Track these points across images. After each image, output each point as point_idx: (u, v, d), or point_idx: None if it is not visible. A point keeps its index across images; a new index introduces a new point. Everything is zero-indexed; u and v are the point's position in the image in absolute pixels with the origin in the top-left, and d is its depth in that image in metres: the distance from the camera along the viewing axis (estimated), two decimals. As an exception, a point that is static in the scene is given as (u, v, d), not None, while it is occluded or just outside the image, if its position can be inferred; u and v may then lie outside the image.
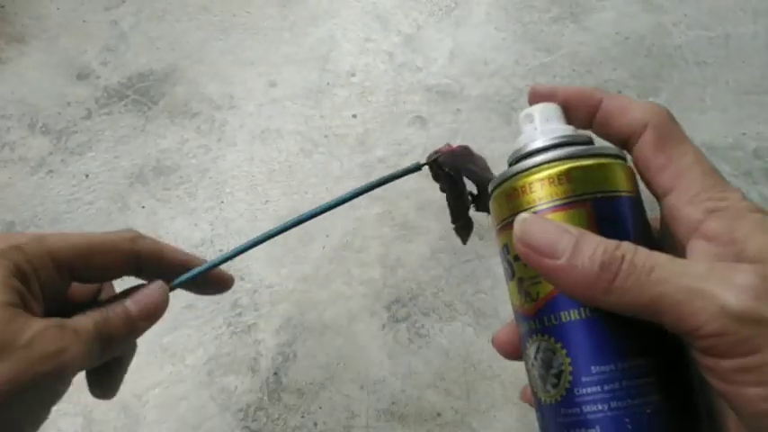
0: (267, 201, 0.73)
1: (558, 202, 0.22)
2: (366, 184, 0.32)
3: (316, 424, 0.55)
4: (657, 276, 0.18)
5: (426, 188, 0.74)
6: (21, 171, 0.75)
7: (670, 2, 1.01)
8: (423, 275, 0.65)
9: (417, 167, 0.33)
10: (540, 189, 0.23)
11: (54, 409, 0.56)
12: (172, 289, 0.31)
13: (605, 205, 0.22)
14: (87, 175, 0.75)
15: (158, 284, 0.29)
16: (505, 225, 0.25)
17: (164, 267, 0.30)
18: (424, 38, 0.93)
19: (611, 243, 0.20)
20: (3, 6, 0.95)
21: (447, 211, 0.76)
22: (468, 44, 0.92)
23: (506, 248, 0.25)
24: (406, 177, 0.79)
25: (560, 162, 0.23)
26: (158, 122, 0.80)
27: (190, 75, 0.86)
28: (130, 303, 0.28)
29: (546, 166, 0.23)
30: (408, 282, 0.65)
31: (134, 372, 0.59)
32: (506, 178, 0.25)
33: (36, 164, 0.76)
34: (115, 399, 0.57)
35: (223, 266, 0.33)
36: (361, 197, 0.34)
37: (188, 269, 0.30)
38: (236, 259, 0.71)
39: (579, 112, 0.25)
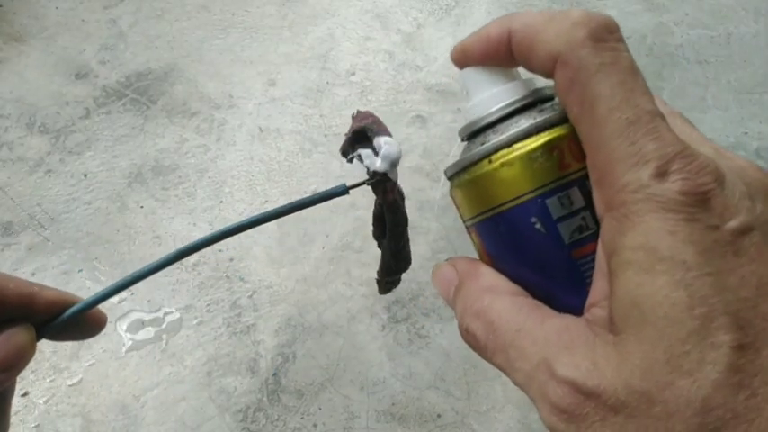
0: (266, 201, 0.72)
1: (464, 225, 0.21)
2: (288, 204, 0.25)
3: (315, 425, 0.55)
4: (497, 361, 0.16)
5: (426, 188, 0.74)
6: (19, 171, 0.74)
7: (671, 1, 1.01)
8: (423, 276, 0.65)
9: (345, 191, 0.27)
10: (455, 205, 0.21)
11: (53, 409, 0.56)
12: (45, 335, 0.25)
13: (488, 229, 0.19)
14: (86, 175, 0.74)
15: (21, 330, 0.24)
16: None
17: (34, 312, 0.25)
18: (424, 37, 0.92)
19: (469, 298, 0.18)
20: (1, 6, 0.95)
21: (447, 212, 0.76)
22: (468, 43, 0.92)
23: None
24: (406, 177, 0.79)
25: (452, 179, 0.20)
26: (157, 122, 0.80)
27: (189, 74, 0.85)
28: None
29: (450, 181, 0.21)
30: (408, 282, 0.65)
31: (133, 373, 0.58)
32: (449, 177, 0.22)
33: (34, 163, 0.75)
34: (114, 399, 0.57)
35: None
36: (361, 195, 0.30)
37: (62, 310, 0.25)
38: (236, 260, 0.71)
39: (502, 59, 0.19)
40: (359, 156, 0.28)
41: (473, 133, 0.20)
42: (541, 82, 0.19)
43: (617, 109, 0.15)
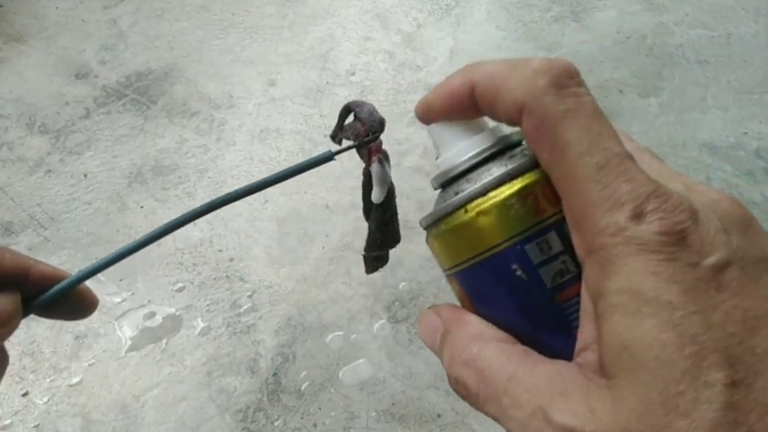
0: (266, 201, 0.72)
1: (444, 273, 0.20)
2: (276, 173, 0.25)
3: (315, 425, 0.55)
4: (488, 410, 0.16)
5: (426, 188, 0.74)
6: (19, 171, 0.74)
7: (671, 1, 1.01)
8: (423, 276, 0.65)
9: (330, 157, 0.26)
10: (433, 254, 0.21)
11: (53, 409, 0.56)
12: (35, 308, 0.26)
13: (469, 277, 0.19)
14: (86, 175, 0.74)
15: (10, 296, 0.24)
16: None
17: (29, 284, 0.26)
18: (424, 37, 0.92)
19: (456, 348, 0.17)
20: (1, 6, 0.95)
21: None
22: (468, 43, 0.92)
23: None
24: (406, 177, 0.79)
25: (429, 229, 0.20)
26: (157, 122, 0.80)
27: (189, 74, 0.85)
28: None
29: (427, 231, 0.21)
30: (408, 282, 0.65)
31: (132, 373, 0.58)
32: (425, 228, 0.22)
33: (34, 163, 0.75)
34: (114, 399, 0.57)
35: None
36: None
37: (53, 283, 0.26)
38: (236, 260, 0.71)
39: (466, 112, 0.19)
40: (346, 128, 0.28)
41: (446, 182, 0.20)
42: (507, 128, 0.19)
43: (586, 154, 0.15)
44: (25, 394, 0.57)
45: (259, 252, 0.67)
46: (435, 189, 0.22)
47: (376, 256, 0.31)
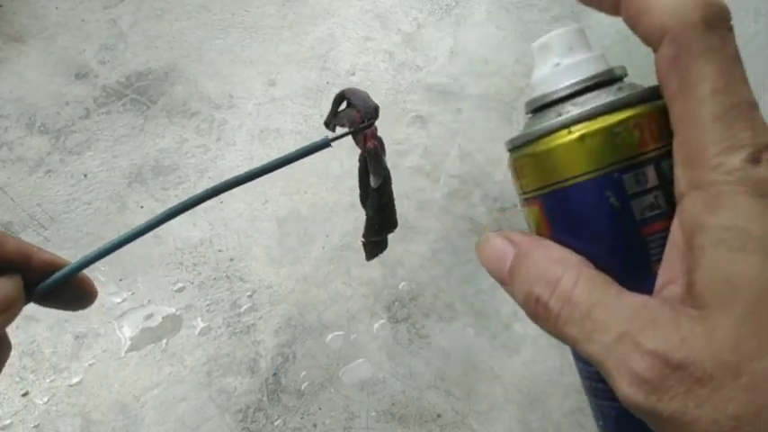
0: (266, 201, 0.72)
1: (522, 197, 0.20)
2: (273, 161, 0.26)
3: (315, 425, 0.55)
4: (568, 333, 0.17)
5: (426, 188, 0.74)
6: (19, 171, 0.74)
7: (671, 1, 1.01)
8: (423, 276, 0.65)
9: (327, 143, 0.26)
10: (515, 177, 0.21)
11: (53, 409, 0.56)
12: (37, 295, 0.26)
13: (557, 201, 0.19)
14: (86, 175, 0.74)
15: (12, 280, 0.25)
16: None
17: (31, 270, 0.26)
18: (424, 37, 0.92)
19: (538, 271, 0.18)
20: (1, 6, 0.95)
21: (448, 212, 0.76)
22: (468, 43, 0.92)
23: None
24: (406, 177, 0.79)
25: (520, 149, 0.20)
26: (157, 122, 0.80)
27: (189, 74, 0.85)
28: None
29: (516, 151, 0.20)
30: (408, 282, 0.65)
31: (132, 373, 0.58)
32: (508, 149, 0.21)
33: (34, 163, 0.75)
34: (114, 400, 0.57)
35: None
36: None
37: (54, 270, 0.26)
38: (236, 259, 0.71)
39: (602, 2, 0.19)
40: (340, 115, 0.29)
41: (547, 104, 0.20)
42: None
43: (720, 92, 0.16)
44: (25, 394, 0.57)
45: (259, 252, 0.67)
46: (528, 112, 0.21)
47: (375, 241, 0.31)
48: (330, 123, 0.30)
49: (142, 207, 0.71)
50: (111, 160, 0.76)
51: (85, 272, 0.27)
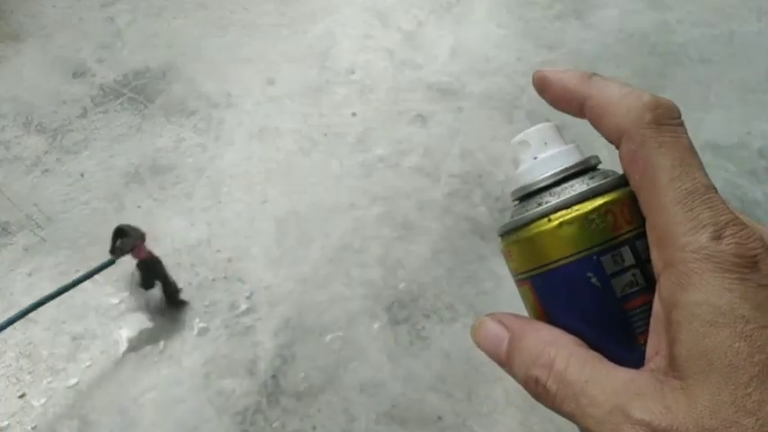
0: (265, 200, 0.72)
1: (515, 278, 0.22)
2: (59, 288, 0.37)
3: (314, 427, 0.54)
4: (566, 409, 0.18)
5: (426, 188, 0.73)
6: (16, 170, 0.74)
7: (674, -2, 1.00)
8: (423, 276, 0.65)
9: (111, 262, 0.43)
10: (507, 260, 0.23)
11: (50, 411, 0.56)
12: None
13: (544, 282, 0.21)
14: (83, 175, 0.74)
15: None
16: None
17: None
18: (424, 35, 0.92)
19: (534, 352, 0.19)
20: (-2, 3, 0.94)
21: (448, 212, 0.75)
22: (469, 41, 0.91)
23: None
24: (408, 177, 0.78)
25: (508, 235, 0.22)
26: (155, 121, 0.79)
27: (187, 72, 0.85)
28: None
29: (505, 238, 0.23)
30: (409, 283, 0.64)
31: (130, 374, 0.58)
32: (499, 235, 0.24)
33: (31, 163, 0.75)
34: (111, 401, 0.57)
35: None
36: (361, 195, 0.32)
37: None
38: (234, 260, 0.70)
39: (570, 109, 0.22)
40: (121, 243, 0.52)
41: (528, 195, 0.22)
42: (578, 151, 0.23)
43: (677, 179, 0.18)
44: (22, 396, 0.56)
45: (258, 253, 0.67)
46: (514, 201, 0.24)
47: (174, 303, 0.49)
48: (114, 253, 0.49)
49: (140, 207, 0.71)
50: (108, 159, 0.75)
51: (82, 272, 0.27)
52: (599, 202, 0.20)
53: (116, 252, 0.48)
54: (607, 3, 0.99)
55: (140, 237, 0.49)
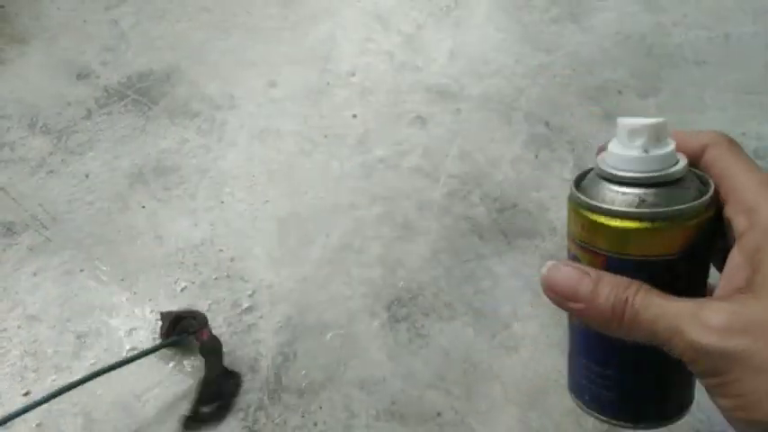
0: (267, 201, 0.73)
1: (581, 243, 0.26)
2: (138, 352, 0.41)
3: (316, 424, 0.55)
4: (649, 316, 0.23)
5: (426, 188, 0.74)
6: (21, 171, 0.75)
7: (670, 2, 1.01)
8: (423, 276, 0.65)
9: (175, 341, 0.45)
10: (578, 228, 0.27)
11: (54, 408, 0.57)
12: None
13: (621, 263, 0.25)
14: (87, 175, 0.75)
15: None
16: (570, 241, 0.28)
17: None
18: (424, 38, 0.93)
19: (621, 284, 0.24)
20: (3, 7, 0.95)
21: (448, 212, 0.76)
22: (468, 44, 0.92)
23: (569, 253, 0.29)
24: (408, 178, 0.79)
25: (594, 212, 0.25)
26: (158, 122, 0.80)
27: (190, 75, 0.86)
28: None
29: (586, 211, 0.26)
30: (408, 282, 0.65)
31: (134, 372, 0.59)
32: (577, 202, 0.27)
33: (36, 164, 0.76)
34: (115, 399, 0.58)
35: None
36: (361, 195, 0.34)
37: None
38: (236, 259, 0.71)
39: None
40: (180, 325, 0.47)
41: (629, 183, 0.25)
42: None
43: (753, 171, 0.25)
44: (27, 393, 0.57)
45: (259, 252, 0.67)
46: (601, 177, 0.26)
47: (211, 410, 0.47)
48: (168, 336, 0.48)
49: (144, 207, 0.71)
50: (112, 161, 0.76)
51: (87, 273, 0.28)
52: (695, 220, 0.24)
53: (168, 335, 0.49)
54: (604, 6, 1.00)
55: (203, 319, 0.49)
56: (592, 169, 0.28)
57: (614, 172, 0.25)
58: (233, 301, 0.63)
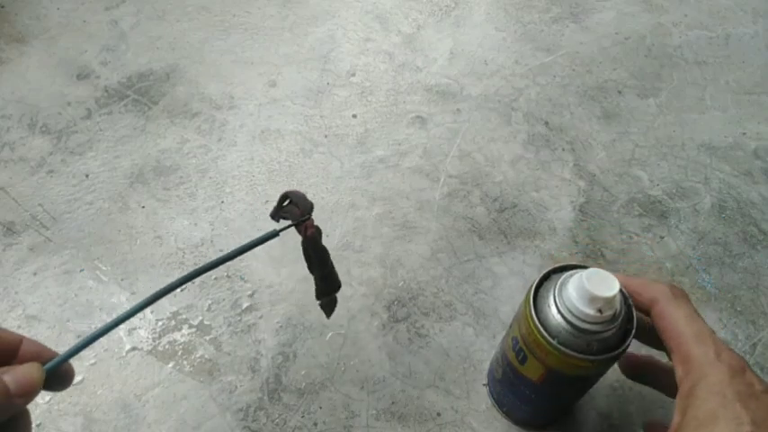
0: (267, 201, 0.73)
1: (530, 347, 0.41)
2: (227, 253, 0.34)
3: (316, 424, 0.55)
4: None
5: (426, 188, 0.74)
6: (21, 171, 0.75)
7: (670, 2, 1.01)
8: (423, 275, 0.65)
9: (276, 234, 0.36)
10: (533, 336, 0.40)
11: (54, 408, 0.57)
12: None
13: (558, 376, 0.40)
14: (87, 175, 0.75)
15: (36, 365, 0.29)
16: (519, 332, 0.43)
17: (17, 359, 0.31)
18: (424, 38, 0.93)
19: None
20: (3, 6, 0.95)
21: (447, 212, 0.76)
22: (467, 44, 0.92)
23: (515, 339, 0.43)
24: (407, 178, 0.79)
25: (550, 340, 0.38)
26: (158, 122, 0.80)
27: (190, 75, 0.86)
28: (9, 379, 0.27)
29: (545, 337, 0.38)
30: (408, 281, 0.65)
31: (134, 372, 0.59)
32: (535, 331, 0.39)
33: (36, 164, 0.76)
34: (115, 398, 0.58)
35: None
36: (361, 195, 0.35)
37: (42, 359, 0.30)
38: (236, 259, 0.71)
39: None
40: (284, 211, 0.39)
41: (583, 330, 0.37)
42: None
43: (691, 324, 0.33)
44: (27, 393, 0.57)
45: (260, 252, 0.67)
46: (558, 310, 0.38)
47: (327, 301, 0.43)
48: (276, 216, 0.39)
49: (144, 207, 0.72)
50: (112, 160, 0.76)
51: (87, 272, 0.29)
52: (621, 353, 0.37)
53: (276, 216, 0.38)
54: (603, 6, 1.00)
55: (308, 208, 0.38)
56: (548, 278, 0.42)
57: (575, 313, 0.36)
58: (233, 301, 0.63)
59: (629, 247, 0.69)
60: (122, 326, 0.62)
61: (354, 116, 0.81)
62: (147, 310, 0.63)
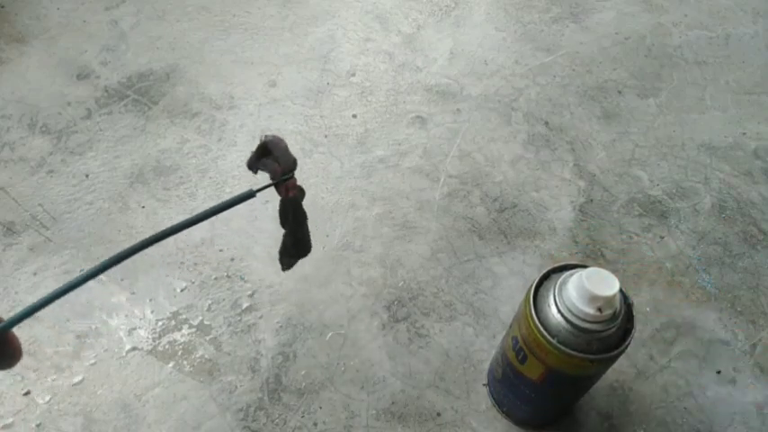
0: (267, 201, 0.73)
1: (530, 347, 0.42)
2: (202, 212, 0.28)
3: (316, 424, 0.55)
4: None
5: (426, 188, 0.74)
6: (21, 171, 0.75)
7: (670, 2, 1.01)
8: (423, 275, 0.65)
9: (252, 194, 0.30)
10: (534, 338, 0.41)
11: (54, 408, 0.57)
12: None
13: (559, 376, 0.41)
14: (87, 175, 0.75)
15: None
16: (519, 332, 0.43)
17: None
18: (424, 38, 0.93)
19: None
20: (3, 6, 0.95)
21: (447, 212, 0.76)
22: (467, 44, 0.92)
23: (515, 339, 0.44)
24: (407, 178, 0.79)
25: (551, 339, 0.39)
26: (158, 122, 0.80)
27: (190, 75, 0.86)
28: None
29: (545, 336, 0.39)
30: (408, 282, 0.65)
31: (134, 372, 0.59)
32: (538, 333, 0.40)
33: (36, 164, 0.76)
34: (115, 399, 0.58)
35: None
36: (361, 195, 0.33)
37: None
38: (236, 259, 0.71)
39: None
40: (263, 165, 0.34)
41: (582, 329, 0.37)
42: None
43: None
44: (27, 393, 0.57)
45: (260, 252, 0.67)
46: (558, 309, 0.39)
47: (290, 262, 0.40)
48: (253, 167, 0.34)
49: (143, 207, 0.72)
50: (112, 160, 0.76)
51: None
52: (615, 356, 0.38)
53: (253, 167, 0.33)
54: (603, 6, 1.00)
55: (291, 165, 0.32)
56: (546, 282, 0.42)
57: (573, 312, 0.37)
58: (233, 301, 0.63)
59: (629, 247, 0.69)
60: (122, 326, 0.62)
61: (354, 116, 0.81)
62: (148, 311, 0.63)
